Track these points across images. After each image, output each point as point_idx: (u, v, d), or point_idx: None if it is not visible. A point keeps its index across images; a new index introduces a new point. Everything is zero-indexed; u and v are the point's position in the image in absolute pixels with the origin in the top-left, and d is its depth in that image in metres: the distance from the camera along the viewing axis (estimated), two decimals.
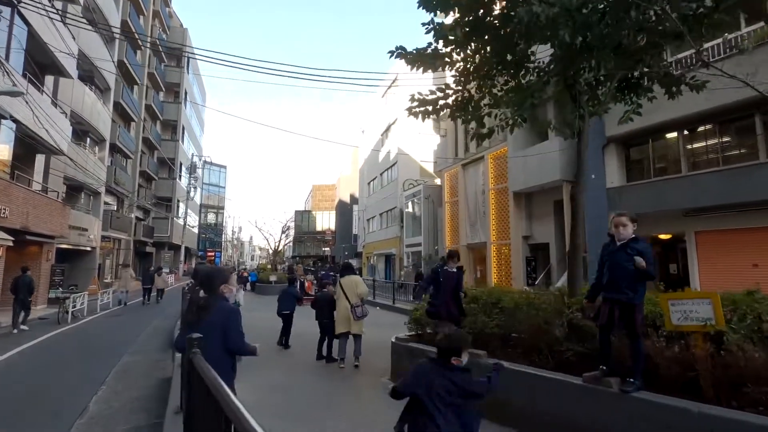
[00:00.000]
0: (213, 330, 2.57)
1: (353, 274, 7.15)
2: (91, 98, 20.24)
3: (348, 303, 6.70)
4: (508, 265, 17.35)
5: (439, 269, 5.65)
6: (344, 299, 6.75)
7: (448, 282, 5.48)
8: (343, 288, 6.82)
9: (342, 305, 6.75)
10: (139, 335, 9.92)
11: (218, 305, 2.71)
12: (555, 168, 14.60)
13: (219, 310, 2.68)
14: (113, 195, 25.98)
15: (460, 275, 5.59)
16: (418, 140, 28.64)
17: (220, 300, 2.78)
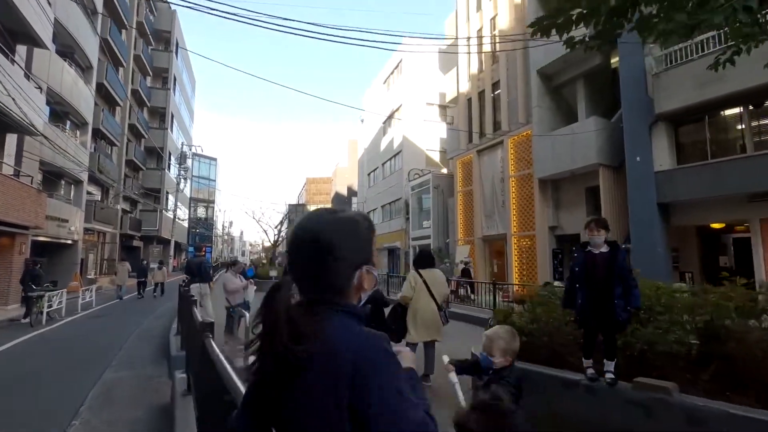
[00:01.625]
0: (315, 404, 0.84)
1: (434, 267, 5.52)
2: (71, 76, 18.34)
3: (435, 304, 5.23)
4: (531, 259, 15.99)
5: (579, 252, 3.88)
6: (430, 299, 5.24)
7: (597, 269, 3.63)
8: (427, 284, 5.28)
9: (428, 307, 5.23)
10: (125, 341, 8.31)
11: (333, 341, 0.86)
12: (590, 150, 13.23)
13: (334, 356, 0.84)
14: (97, 185, 24.07)
15: (621, 255, 3.68)
16: (424, 128, 27.16)
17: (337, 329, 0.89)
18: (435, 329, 5.26)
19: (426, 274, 5.40)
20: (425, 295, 5.26)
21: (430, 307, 5.23)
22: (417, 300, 5.26)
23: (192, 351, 3.72)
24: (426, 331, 5.22)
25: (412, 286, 5.31)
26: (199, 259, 8.28)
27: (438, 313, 5.27)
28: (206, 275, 8.11)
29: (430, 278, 5.36)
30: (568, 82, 15.54)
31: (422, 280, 5.35)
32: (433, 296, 5.28)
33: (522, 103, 16.49)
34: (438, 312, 5.27)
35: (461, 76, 20.83)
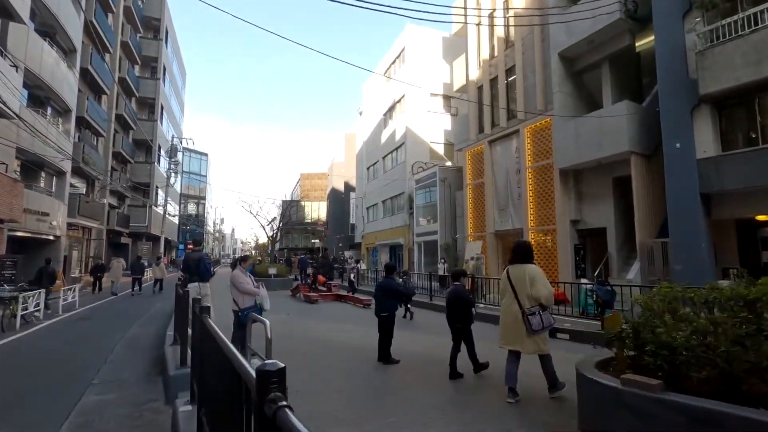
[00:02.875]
0: None
1: (527, 262, 4.52)
2: (53, 57, 16.90)
3: (518, 306, 4.33)
4: (552, 255, 14.98)
5: None
6: (512, 300, 4.42)
7: None
8: (511, 282, 4.43)
9: (509, 309, 4.47)
10: (110, 351, 7.09)
11: None
12: (621, 137, 12.21)
13: None
14: (82, 177, 22.58)
15: None
16: (427, 119, 26.06)
17: None
18: (514, 336, 4.37)
19: (513, 270, 4.49)
20: (509, 294, 4.46)
21: (511, 309, 4.41)
22: (504, 301, 4.58)
23: (207, 380, 2.57)
24: (503, 337, 4.49)
25: (501, 285, 4.60)
26: (197, 254, 7.11)
27: (521, 317, 4.21)
28: (206, 273, 6.93)
29: (517, 275, 4.41)
30: (591, 66, 14.52)
31: (507, 277, 4.51)
32: (517, 297, 4.26)
33: (540, 90, 15.45)
34: (522, 316, 4.21)
35: (471, 63, 19.74)
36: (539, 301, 4.33)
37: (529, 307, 4.29)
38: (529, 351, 4.33)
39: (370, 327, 8.86)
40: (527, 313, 4.26)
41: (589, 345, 6.97)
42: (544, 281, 4.41)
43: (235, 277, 5.81)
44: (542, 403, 4.35)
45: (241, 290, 5.66)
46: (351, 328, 8.83)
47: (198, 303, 3.17)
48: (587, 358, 3.80)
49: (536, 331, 4.25)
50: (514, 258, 4.57)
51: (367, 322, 9.84)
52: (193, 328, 3.33)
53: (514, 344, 4.37)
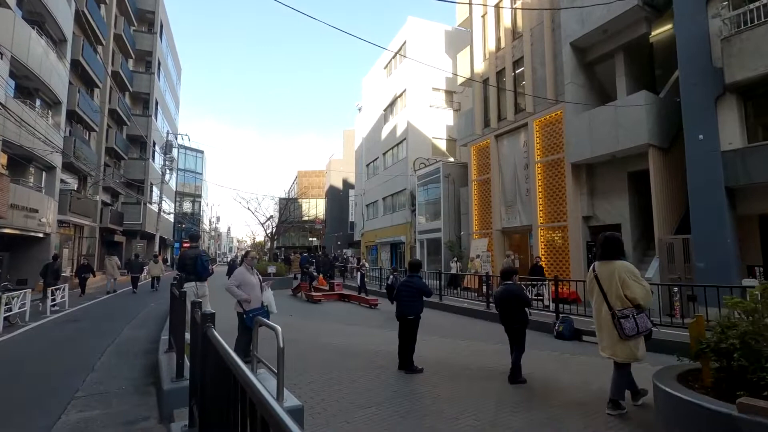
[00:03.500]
0: None
1: (617, 259, 3.99)
2: (42, 47, 16.16)
3: (608, 308, 3.84)
4: (563, 252, 14.44)
5: None
6: (602, 301, 3.93)
7: None
8: (598, 281, 3.93)
9: (599, 312, 4.00)
10: (98, 357, 6.45)
11: None
12: (640, 129, 11.67)
13: None
14: (73, 173, 21.85)
15: None
16: (429, 114, 25.47)
17: None
18: (608, 341, 3.88)
19: (600, 267, 3.98)
20: (597, 295, 3.97)
21: (601, 311, 3.93)
22: (593, 302, 4.08)
23: (211, 407, 1.99)
24: (600, 342, 4.05)
25: (587, 284, 4.16)
26: (194, 250, 6.46)
27: (612, 320, 3.77)
28: (204, 271, 6.31)
29: (604, 273, 3.91)
30: (604, 56, 13.97)
31: (594, 276, 4.00)
32: (606, 298, 3.84)
33: (550, 81, 14.89)
34: (612, 319, 3.76)
35: (476, 55, 19.15)
36: (635, 302, 3.78)
37: (620, 309, 3.76)
38: (623, 358, 3.81)
39: (382, 329, 8.31)
40: (618, 316, 3.74)
41: None
42: (638, 279, 3.86)
43: (238, 275, 5.20)
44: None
45: (234, 294, 5.08)
46: (361, 331, 8.24)
47: (199, 308, 2.56)
48: (664, 369, 3.23)
49: (630, 337, 3.72)
50: (602, 253, 4.03)
51: (377, 324, 9.27)
52: (194, 339, 2.71)
53: (610, 351, 3.88)
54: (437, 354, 6.19)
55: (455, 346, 6.89)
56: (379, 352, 6.24)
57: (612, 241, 4.06)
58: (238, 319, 5.27)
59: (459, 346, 6.85)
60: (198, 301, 2.90)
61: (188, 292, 6.17)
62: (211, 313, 2.24)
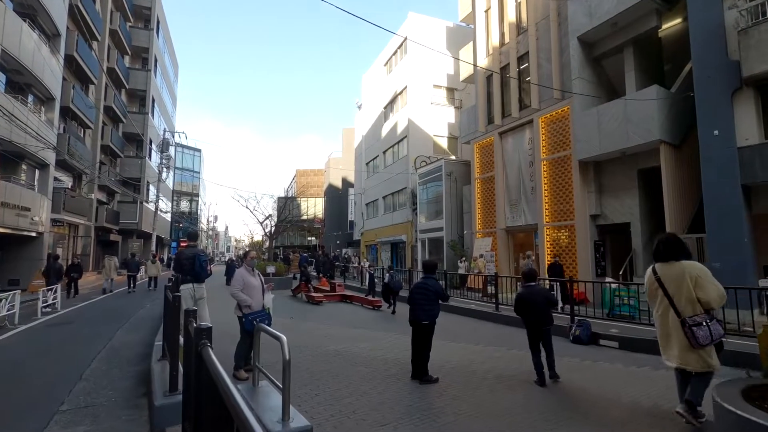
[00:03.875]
0: None
1: (682, 258, 3.60)
2: (34, 41, 15.71)
3: (676, 315, 3.47)
4: (570, 252, 14.09)
5: None
6: (668, 306, 3.55)
7: None
8: (663, 285, 3.55)
9: (665, 318, 3.60)
10: (88, 364, 6.05)
11: None
12: (651, 125, 11.31)
13: None
14: (67, 170, 21.38)
15: None
16: (431, 112, 25.09)
17: None
18: (678, 350, 3.46)
19: (664, 269, 3.58)
20: (660, 300, 3.59)
21: (668, 317, 3.54)
22: (655, 307, 3.72)
23: None
24: (665, 351, 3.61)
25: (646, 288, 3.77)
26: (192, 249, 6.04)
27: (682, 327, 3.41)
28: (202, 272, 5.91)
29: (670, 275, 3.53)
30: (612, 51, 13.63)
31: (655, 278, 3.60)
32: (672, 303, 3.47)
33: (556, 77, 14.52)
34: (683, 327, 3.40)
35: (479, 51, 18.78)
36: (707, 306, 3.41)
37: (691, 315, 3.40)
38: (697, 368, 3.43)
39: (389, 333, 7.91)
40: (690, 323, 3.37)
41: (647, 355, 6.06)
42: (712, 279, 3.48)
43: (239, 277, 4.82)
44: None
45: (240, 300, 4.70)
46: (368, 335, 7.83)
47: (193, 318, 2.17)
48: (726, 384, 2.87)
49: (703, 346, 3.36)
50: (665, 254, 3.64)
51: (384, 327, 8.87)
52: (187, 356, 2.33)
53: (680, 360, 3.48)
54: (450, 361, 5.82)
55: (468, 351, 6.51)
56: (389, 360, 5.86)
57: (676, 240, 3.69)
58: (239, 323, 4.89)
59: (472, 352, 6.48)
60: (192, 310, 2.51)
61: (185, 294, 5.81)
62: (207, 329, 1.85)
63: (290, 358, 2.86)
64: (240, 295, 4.76)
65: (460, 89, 25.47)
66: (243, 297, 4.75)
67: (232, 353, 4.98)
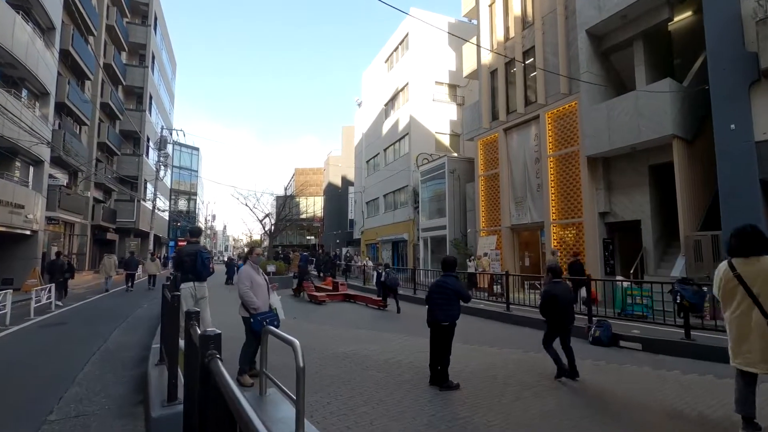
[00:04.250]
0: None
1: (765, 252, 3.25)
2: (27, 34, 15.31)
3: (762, 315, 3.10)
4: (578, 249, 13.73)
5: None
6: (750, 305, 3.19)
7: None
8: (744, 282, 3.20)
9: (747, 317, 3.20)
10: (81, 368, 5.69)
11: None
12: (664, 119, 11.00)
13: None
14: (63, 168, 20.97)
15: None
16: (432, 109, 24.75)
17: None
18: (761, 353, 3.11)
19: (744, 265, 3.21)
20: (741, 298, 3.20)
21: (750, 316, 3.16)
22: (731, 307, 3.29)
23: None
24: (744, 354, 3.20)
25: (719, 286, 3.34)
26: (193, 246, 5.68)
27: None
28: (204, 270, 5.55)
29: (752, 272, 3.17)
30: (621, 44, 13.31)
31: (734, 275, 3.22)
32: (757, 301, 3.11)
33: (564, 71, 14.20)
34: None
35: (483, 46, 18.44)
36: None
37: None
38: None
39: (399, 334, 7.57)
40: None
41: (673, 357, 5.75)
42: None
43: (245, 275, 4.48)
44: None
45: (248, 301, 4.37)
46: (377, 337, 7.45)
47: (195, 321, 1.82)
48: None
49: None
50: (743, 248, 3.28)
51: (392, 327, 8.52)
52: (190, 365, 1.98)
53: (762, 365, 3.10)
54: (468, 365, 5.48)
55: (485, 354, 6.17)
56: (403, 363, 5.52)
57: (757, 232, 3.31)
58: (245, 324, 4.54)
59: (489, 355, 6.15)
60: (194, 312, 2.17)
61: (185, 293, 5.46)
62: (215, 336, 1.51)
63: (304, 366, 2.52)
64: (249, 294, 4.41)
65: (462, 86, 25.14)
66: (251, 297, 4.41)
67: (234, 355, 4.65)
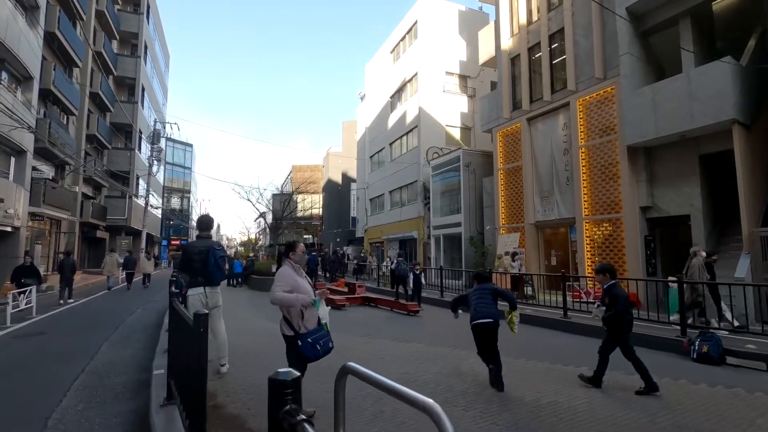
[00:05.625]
0: None
1: None
2: (8, 10, 13.84)
3: None
4: (616, 248, 12.61)
5: None
6: None
7: None
8: None
9: None
10: (61, 397, 4.37)
11: None
12: (723, 102, 9.85)
13: None
14: (48, 159, 19.44)
15: None
16: (443, 100, 23.54)
17: None
18: None
19: None
20: None
21: None
22: None
23: None
24: None
25: None
26: (204, 242, 4.38)
27: None
28: (218, 272, 4.28)
29: None
30: (665, 23, 12.17)
31: None
32: None
33: (598, 54, 13.05)
34: None
35: (503, 31, 17.25)
36: None
37: None
38: None
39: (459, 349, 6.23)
40: None
41: None
42: None
43: (284, 278, 3.22)
44: None
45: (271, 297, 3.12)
46: (426, 353, 5.98)
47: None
48: None
49: None
50: None
51: (441, 340, 7.05)
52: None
53: None
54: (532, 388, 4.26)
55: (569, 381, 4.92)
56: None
57: None
58: (286, 344, 3.28)
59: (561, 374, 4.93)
60: None
61: (194, 301, 4.17)
62: (294, 380, 0.60)
63: None
64: (289, 300, 3.13)
65: (473, 77, 23.98)
66: (292, 301, 3.12)
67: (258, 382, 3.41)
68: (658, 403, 4.00)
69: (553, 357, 5.82)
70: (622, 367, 4.58)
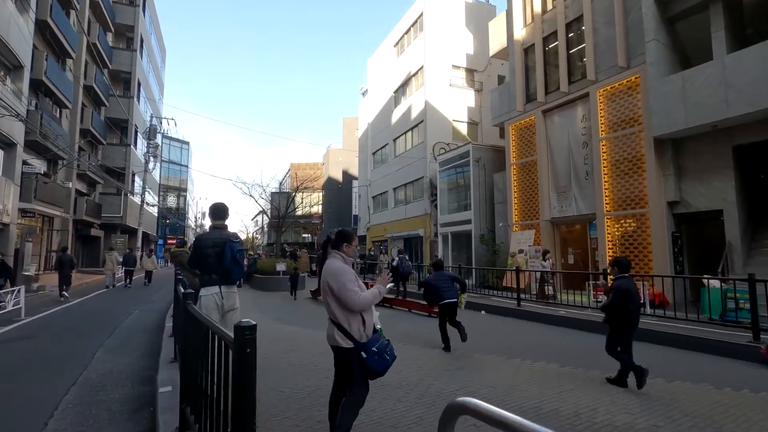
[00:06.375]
0: None
1: None
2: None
3: None
4: (641, 245, 11.98)
5: None
6: None
7: None
8: None
9: None
10: (46, 419, 3.66)
11: None
12: (762, 89, 9.23)
13: None
14: (39, 153, 18.60)
15: None
16: (450, 94, 22.87)
17: None
18: None
19: None
20: None
21: None
22: None
23: None
24: None
25: None
26: (219, 232, 3.66)
27: None
28: (236, 268, 3.59)
29: None
30: (693, 8, 11.55)
31: None
32: None
33: (621, 42, 12.43)
34: None
35: (516, 20, 16.60)
36: None
37: None
38: None
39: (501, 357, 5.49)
40: None
41: None
42: None
43: (335, 273, 2.53)
44: None
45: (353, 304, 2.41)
46: (473, 364, 5.27)
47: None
48: None
49: None
50: None
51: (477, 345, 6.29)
52: None
53: None
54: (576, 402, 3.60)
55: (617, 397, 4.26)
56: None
57: None
58: (337, 357, 2.58)
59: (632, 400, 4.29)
60: None
61: (208, 302, 3.48)
62: None
63: None
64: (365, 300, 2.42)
65: (480, 71, 23.33)
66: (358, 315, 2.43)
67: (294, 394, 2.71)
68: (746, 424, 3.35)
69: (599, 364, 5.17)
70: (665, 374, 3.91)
